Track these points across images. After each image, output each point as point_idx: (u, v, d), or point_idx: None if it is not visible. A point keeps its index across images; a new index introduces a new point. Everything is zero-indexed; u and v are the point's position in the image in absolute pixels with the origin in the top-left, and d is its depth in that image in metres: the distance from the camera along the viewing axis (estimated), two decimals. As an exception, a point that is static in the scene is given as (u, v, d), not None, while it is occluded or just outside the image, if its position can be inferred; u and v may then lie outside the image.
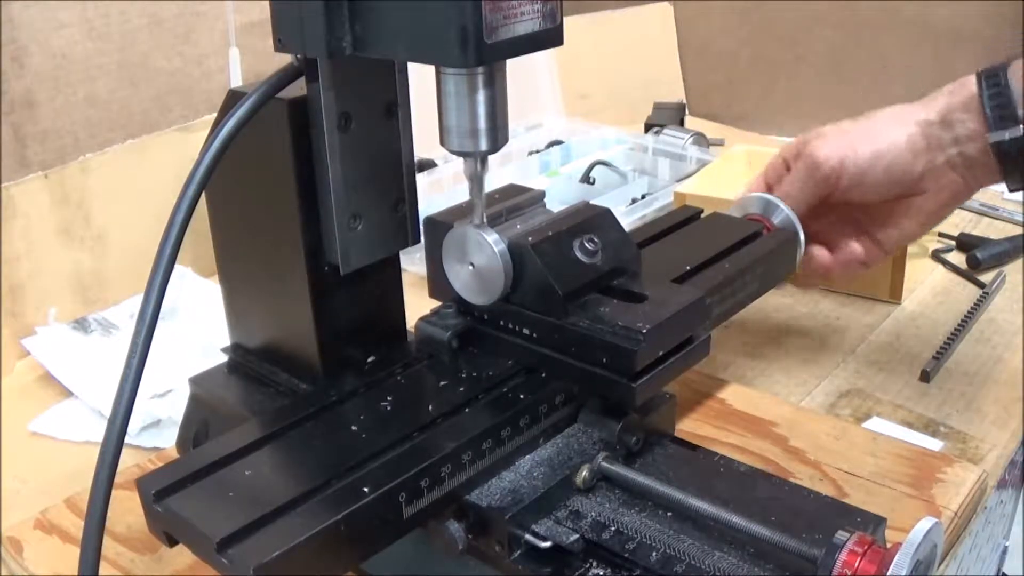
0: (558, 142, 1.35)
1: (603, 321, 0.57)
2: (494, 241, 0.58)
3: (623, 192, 1.20)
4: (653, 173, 1.29)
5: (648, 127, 1.45)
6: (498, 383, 0.60)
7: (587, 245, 0.60)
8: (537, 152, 1.32)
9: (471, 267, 0.60)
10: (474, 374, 0.61)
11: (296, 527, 0.47)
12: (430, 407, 0.57)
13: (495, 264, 0.58)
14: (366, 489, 0.50)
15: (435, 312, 0.65)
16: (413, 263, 0.97)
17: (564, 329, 0.58)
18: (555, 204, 0.66)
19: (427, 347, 0.64)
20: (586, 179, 1.25)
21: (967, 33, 1.46)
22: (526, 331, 0.61)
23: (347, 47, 0.52)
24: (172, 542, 0.51)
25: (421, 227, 0.64)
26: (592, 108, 1.55)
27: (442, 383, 0.60)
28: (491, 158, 0.56)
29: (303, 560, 0.47)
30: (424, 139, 0.64)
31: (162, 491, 0.50)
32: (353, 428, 0.56)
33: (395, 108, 0.60)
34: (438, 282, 0.63)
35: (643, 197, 1.18)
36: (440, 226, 0.62)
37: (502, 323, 0.62)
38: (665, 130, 1.38)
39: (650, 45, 1.72)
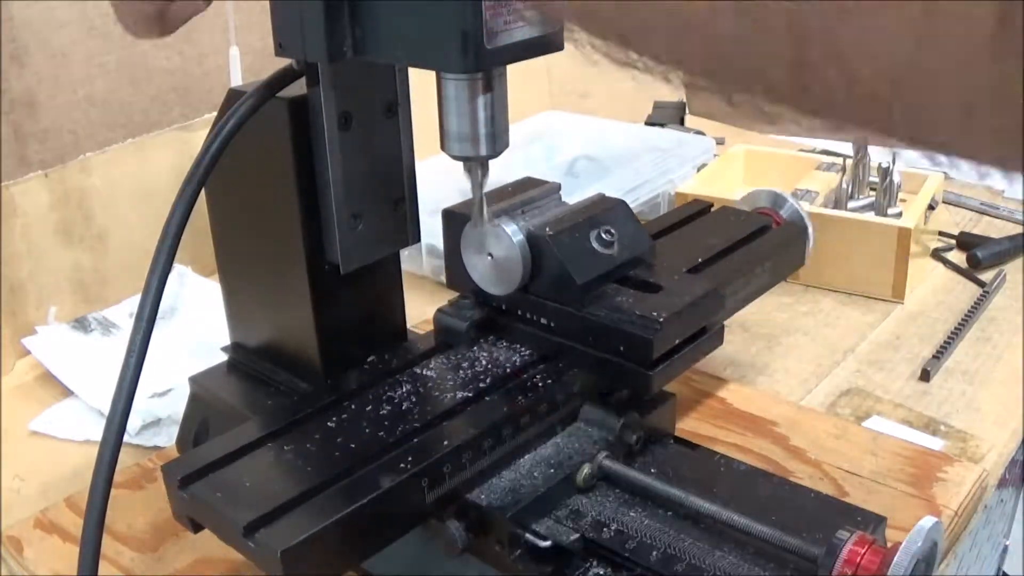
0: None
1: (620, 310, 0.58)
2: (512, 232, 0.59)
3: (607, 185, 1.18)
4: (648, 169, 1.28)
5: (648, 126, 1.45)
6: (518, 372, 0.61)
7: (604, 236, 0.61)
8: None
9: (490, 258, 0.61)
10: (495, 363, 0.62)
11: (321, 512, 0.48)
12: (447, 398, 0.58)
13: (513, 255, 0.59)
14: (389, 475, 0.51)
15: (453, 303, 0.66)
16: (413, 262, 0.97)
17: (582, 318, 0.59)
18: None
19: (445, 337, 0.65)
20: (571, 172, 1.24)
21: (967, 32, 1.46)
22: (544, 320, 0.62)
23: (348, 51, 0.52)
24: (196, 528, 0.52)
25: (441, 222, 0.65)
26: (592, 107, 1.55)
27: (462, 373, 0.61)
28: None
29: (328, 544, 0.48)
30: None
31: (187, 477, 0.51)
32: (371, 419, 0.56)
33: (395, 107, 0.60)
34: (456, 273, 0.64)
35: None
36: (458, 217, 0.63)
37: (520, 313, 0.63)
38: (665, 129, 1.38)
39: (650, 44, 1.72)
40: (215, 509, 0.50)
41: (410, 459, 0.52)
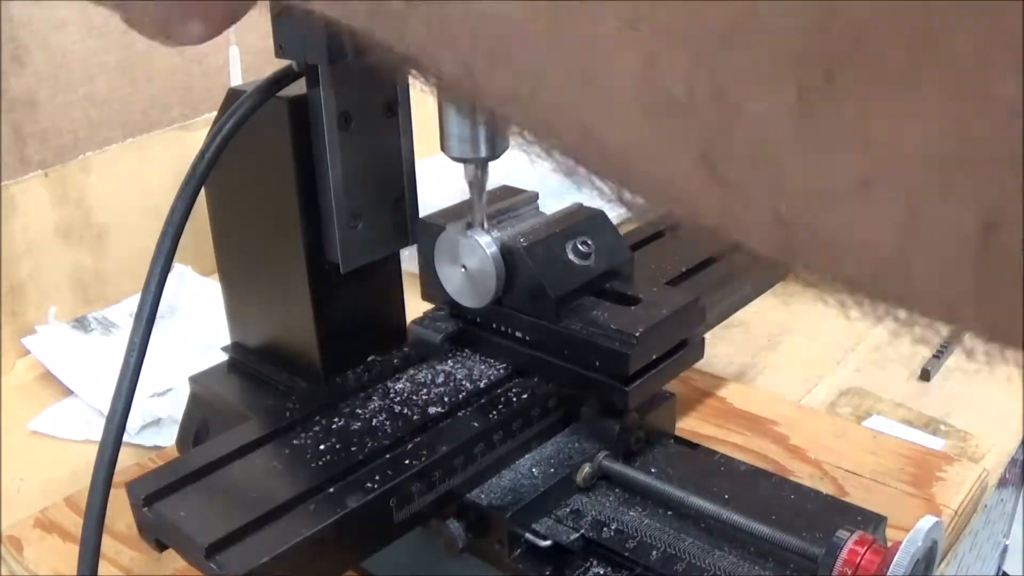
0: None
1: (596, 324, 0.56)
2: (486, 243, 0.58)
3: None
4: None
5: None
6: (491, 387, 0.60)
7: (580, 247, 0.59)
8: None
9: (463, 270, 0.60)
10: (469, 377, 0.61)
11: (285, 532, 0.47)
12: (422, 411, 0.57)
13: (487, 267, 0.58)
14: (356, 494, 0.49)
15: (427, 315, 0.65)
16: (413, 262, 0.97)
17: (557, 332, 0.58)
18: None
19: (420, 350, 0.63)
20: None
21: (967, 32, 1.46)
22: (519, 334, 0.60)
23: (348, 53, 0.52)
24: (161, 547, 0.51)
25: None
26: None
27: (435, 387, 0.60)
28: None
29: (292, 566, 0.47)
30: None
31: (152, 495, 0.50)
32: (343, 433, 0.55)
33: (395, 107, 0.60)
34: (431, 284, 0.63)
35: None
36: (432, 228, 0.61)
37: (495, 326, 0.61)
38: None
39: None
40: (178, 529, 0.48)
41: (377, 478, 0.51)
